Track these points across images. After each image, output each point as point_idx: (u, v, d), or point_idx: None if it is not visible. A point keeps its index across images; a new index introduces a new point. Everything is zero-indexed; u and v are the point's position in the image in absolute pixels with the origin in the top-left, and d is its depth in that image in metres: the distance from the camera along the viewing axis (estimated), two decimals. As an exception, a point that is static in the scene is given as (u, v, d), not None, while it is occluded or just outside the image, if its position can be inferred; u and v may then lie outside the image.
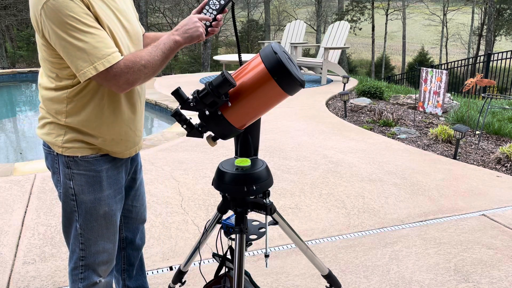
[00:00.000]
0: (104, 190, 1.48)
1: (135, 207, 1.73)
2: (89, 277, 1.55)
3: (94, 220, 1.49)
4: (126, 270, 1.84)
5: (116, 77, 1.30)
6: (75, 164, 1.44)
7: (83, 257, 1.53)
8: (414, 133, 5.21)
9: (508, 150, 4.16)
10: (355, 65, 29.39)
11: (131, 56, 1.32)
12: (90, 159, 1.45)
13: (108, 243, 1.54)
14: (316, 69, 9.48)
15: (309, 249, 1.70)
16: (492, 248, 2.61)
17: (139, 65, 1.31)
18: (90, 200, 1.47)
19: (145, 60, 1.32)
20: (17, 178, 3.58)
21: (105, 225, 1.52)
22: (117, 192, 1.53)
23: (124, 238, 1.79)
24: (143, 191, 1.78)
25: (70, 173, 1.45)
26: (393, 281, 2.26)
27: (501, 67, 9.09)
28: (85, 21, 1.27)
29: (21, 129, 6.56)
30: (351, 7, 26.75)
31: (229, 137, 1.42)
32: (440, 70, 5.50)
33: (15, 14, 18.54)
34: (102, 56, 1.28)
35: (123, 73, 1.30)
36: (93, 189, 1.47)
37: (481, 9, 28.48)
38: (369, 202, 3.23)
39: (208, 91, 1.30)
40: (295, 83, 1.30)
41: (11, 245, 2.57)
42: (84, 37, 1.26)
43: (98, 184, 1.47)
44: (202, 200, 3.19)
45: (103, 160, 1.47)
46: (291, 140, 4.76)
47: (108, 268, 1.59)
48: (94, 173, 1.46)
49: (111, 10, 1.37)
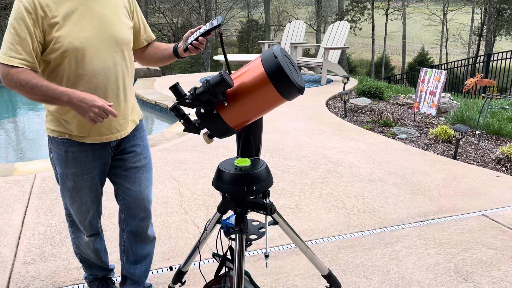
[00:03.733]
0: (69, 167, 1.73)
1: (131, 190, 1.85)
2: (76, 228, 1.92)
3: (65, 189, 1.79)
4: (125, 253, 1.97)
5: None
6: (51, 142, 1.74)
7: (69, 214, 1.89)
8: (414, 133, 5.21)
9: (508, 150, 4.16)
10: (355, 65, 29.39)
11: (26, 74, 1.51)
12: (59, 140, 1.70)
13: (78, 212, 1.83)
14: (316, 69, 9.48)
15: (309, 249, 1.70)
16: (492, 248, 2.61)
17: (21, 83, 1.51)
18: (60, 173, 1.76)
19: (29, 85, 1.50)
20: (17, 178, 3.58)
21: (72, 196, 1.78)
22: (84, 172, 1.74)
23: (123, 220, 1.91)
24: (143, 177, 1.87)
25: (50, 148, 1.76)
26: (393, 281, 2.26)
27: (501, 67, 9.09)
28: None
29: (21, 129, 6.56)
30: (351, 7, 26.73)
31: (224, 136, 1.43)
32: (440, 70, 5.49)
33: (15, 14, 18.54)
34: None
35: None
36: (60, 165, 1.74)
37: (481, 9, 28.48)
38: (369, 202, 3.23)
39: (205, 89, 1.30)
40: (293, 89, 1.30)
41: (11, 245, 2.57)
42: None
43: (64, 161, 1.72)
44: (202, 200, 3.19)
45: (69, 143, 1.70)
46: (291, 140, 4.76)
47: (86, 231, 1.89)
48: (61, 152, 1.71)
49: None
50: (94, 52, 1.58)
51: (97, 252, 1.96)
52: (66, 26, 1.53)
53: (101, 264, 2.02)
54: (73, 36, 1.53)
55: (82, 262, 2.03)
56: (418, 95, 5.51)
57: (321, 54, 9.07)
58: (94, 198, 1.83)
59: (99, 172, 1.79)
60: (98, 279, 2.07)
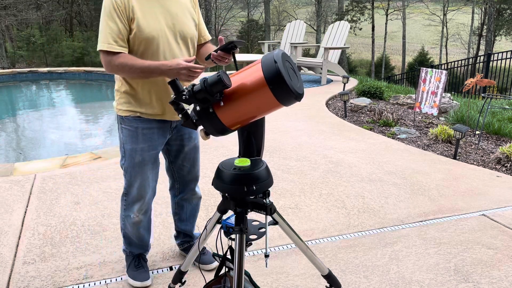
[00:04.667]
0: (139, 143, 1.98)
1: (185, 166, 2.20)
2: (129, 208, 2.12)
3: (130, 166, 2.01)
4: (178, 214, 2.36)
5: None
6: (123, 122, 1.99)
7: (126, 193, 2.10)
8: (414, 133, 5.21)
9: (508, 150, 4.16)
10: (355, 65, 29.36)
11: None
12: (131, 118, 1.96)
13: (138, 189, 2.05)
14: (316, 69, 9.48)
15: (309, 249, 1.70)
16: (492, 248, 2.61)
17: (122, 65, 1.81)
18: (129, 149, 1.99)
19: (128, 66, 1.79)
20: (17, 178, 3.58)
21: (137, 172, 2.02)
22: (151, 147, 2.00)
23: (177, 188, 2.29)
24: (194, 156, 2.21)
25: (121, 127, 2.00)
26: (393, 281, 2.26)
27: (501, 67, 9.09)
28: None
29: (21, 129, 6.56)
30: (351, 7, 26.71)
31: (221, 134, 1.43)
32: (440, 70, 5.49)
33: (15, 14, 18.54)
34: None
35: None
36: (131, 141, 1.98)
37: (481, 9, 28.48)
38: (369, 202, 3.23)
39: (202, 87, 1.31)
40: (289, 95, 1.29)
41: (11, 245, 2.57)
42: None
43: (135, 137, 1.97)
44: (202, 200, 3.19)
45: (140, 120, 1.96)
46: (291, 140, 4.76)
47: (141, 208, 2.10)
48: (133, 129, 1.97)
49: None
50: (165, 42, 1.86)
51: (139, 233, 2.19)
52: (144, 19, 1.81)
53: (140, 243, 2.24)
54: (150, 28, 1.82)
55: (124, 237, 2.25)
56: (420, 95, 5.51)
57: (321, 54, 9.08)
58: (154, 176, 2.10)
59: (160, 150, 2.08)
60: (133, 255, 2.28)
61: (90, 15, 23.90)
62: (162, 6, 1.88)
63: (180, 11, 1.93)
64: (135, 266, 2.23)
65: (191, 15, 1.99)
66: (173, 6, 1.91)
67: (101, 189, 3.37)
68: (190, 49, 2.00)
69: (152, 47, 1.85)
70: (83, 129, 6.35)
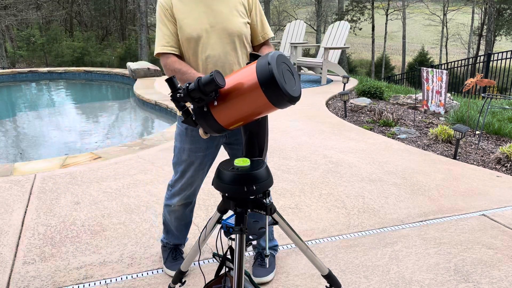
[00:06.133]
0: (187, 143, 2.03)
1: None
2: (170, 199, 2.20)
3: (179, 161, 2.09)
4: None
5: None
6: (178, 120, 2.08)
7: (171, 185, 2.18)
8: (414, 133, 5.21)
9: (508, 150, 4.16)
10: (355, 65, 29.35)
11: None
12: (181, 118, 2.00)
13: (184, 184, 2.12)
14: (316, 69, 9.49)
15: (309, 249, 1.70)
16: (492, 248, 2.61)
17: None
18: (178, 147, 2.07)
19: (172, 69, 1.86)
20: (17, 178, 3.58)
21: (184, 169, 2.08)
22: (198, 149, 2.04)
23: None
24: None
25: (177, 125, 2.09)
26: (393, 281, 2.26)
27: (501, 67, 9.09)
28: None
29: (21, 129, 6.56)
30: (351, 7, 26.70)
31: (218, 133, 1.44)
32: (440, 70, 5.50)
33: (15, 14, 18.53)
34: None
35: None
36: (180, 140, 2.06)
37: (481, 9, 28.49)
38: (369, 202, 3.23)
39: (196, 87, 1.32)
40: (282, 98, 1.29)
41: (11, 245, 2.57)
42: None
43: (184, 137, 2.04)
44: (202, 200, 3.19)
45: None
46: (291, 140, 4.76)
47: (181, 201, 2.18)
48: (182, 129, 2.04)
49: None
50: (205, 42, 1.88)
51: (177, 223, 2.27)
52: (186, 19, 1.86)
53: (177, 233, 2.31)
54: (191, 28, 1.86)
55: (163, 224, 2.34)
56: (425, 94, 5.50)
57: (321, 54, 9.08)
58: (200, 175, 2.13)
59: (210, 153, 2.09)
60: (170, 246, 2.36)
61: (90, 15, 23.89)
62: (206, 6, 1.89)
63: (226, 9, 1.92)
64: (173, 258, 2.33)
65: (240, 13, 1.96)
66: (219, 4, 1.91)
67: (101, 189, 3.38)
68: (238, 47, 1.94)
69: (193, 46, 1.88)
70: (83, 129, 6.35)
